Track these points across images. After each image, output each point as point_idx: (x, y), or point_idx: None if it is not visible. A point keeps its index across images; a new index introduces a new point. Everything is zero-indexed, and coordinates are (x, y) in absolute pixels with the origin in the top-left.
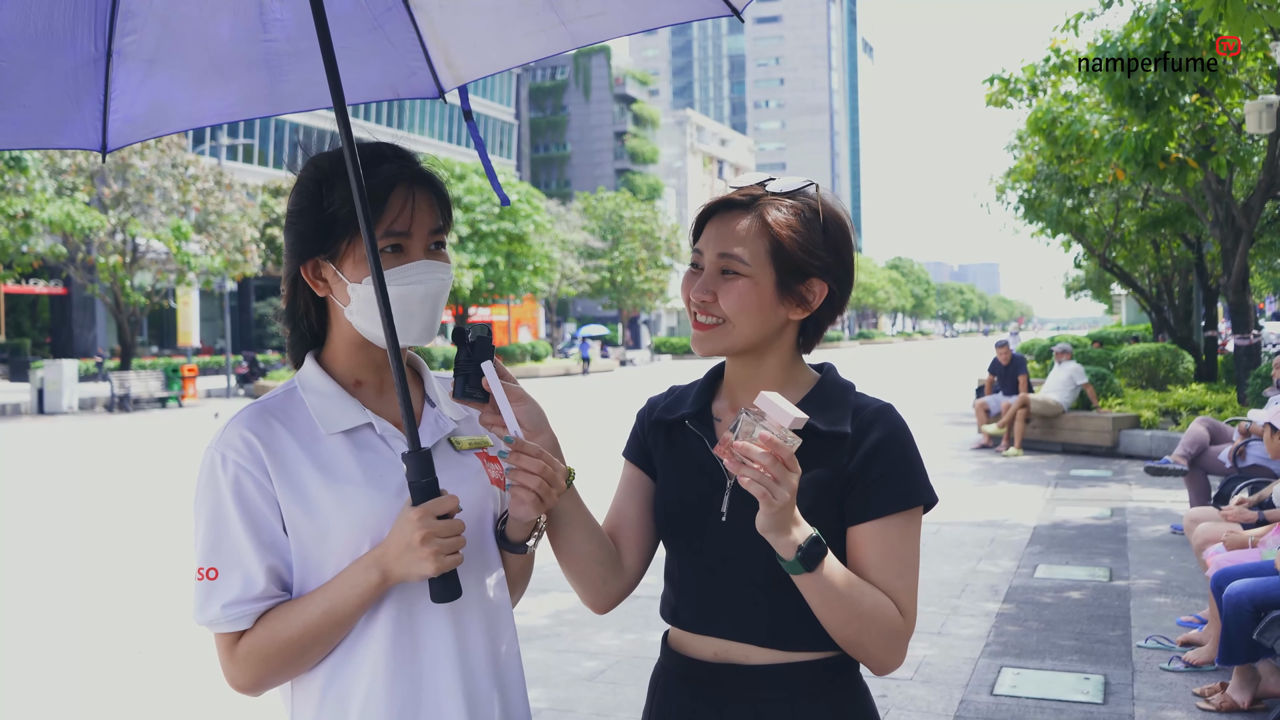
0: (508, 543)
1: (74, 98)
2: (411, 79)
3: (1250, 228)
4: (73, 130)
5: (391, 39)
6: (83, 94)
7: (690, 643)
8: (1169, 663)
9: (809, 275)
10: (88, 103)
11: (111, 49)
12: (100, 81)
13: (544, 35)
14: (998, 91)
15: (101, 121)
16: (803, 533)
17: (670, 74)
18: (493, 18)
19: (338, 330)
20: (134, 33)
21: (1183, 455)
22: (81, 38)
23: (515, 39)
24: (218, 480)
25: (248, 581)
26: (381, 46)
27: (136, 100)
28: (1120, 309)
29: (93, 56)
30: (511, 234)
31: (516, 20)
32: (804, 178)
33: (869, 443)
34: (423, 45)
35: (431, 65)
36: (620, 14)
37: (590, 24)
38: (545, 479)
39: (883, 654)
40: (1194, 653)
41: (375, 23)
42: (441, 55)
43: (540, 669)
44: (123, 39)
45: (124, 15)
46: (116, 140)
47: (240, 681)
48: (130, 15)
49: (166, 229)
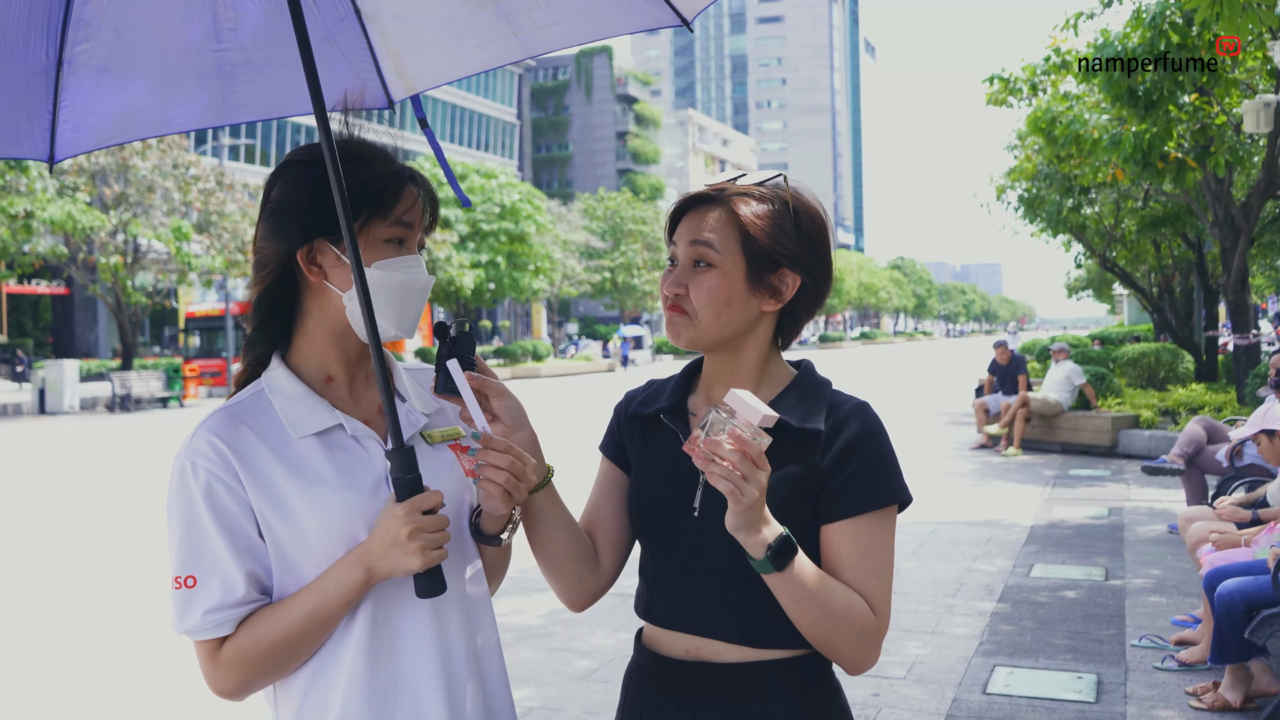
0: (482, 535)
1: (25, 108)
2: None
3: (1249, 227)
4: (24, 141)
5: (344, 50)
6: (34, 105)
7: (663, 640)
8: (1162, 662)
9: (780, 265)
10: (38, 113)
11: (62, 58)
12: (50, 91)
13: (495, 45)
14: (998, 91)
15: (50, 131)
16: (773, 532)
17: (672, 74)
18: (445, 28)
19: (318, 321)
20: (86, 41)
21: (1179, 455)
22: (34, 48)
23: (466, 49)
24: (189, 488)
25: (227, 587)
26: (333, 58)
27: (86, 110)
28: (1122, 309)
29: (44, 66)
30: (512, 234)
31: (469, 31)
32: (774, 170)
33: (843, 440)
34: (374, 56)
35: (382, 75)
36: (571, 24)
37: (542, 34)
38: (513, 474)
39: (855, 654)
40: (1187, 652)
41: (327, 33)
42: (393, 65)
43: (533, 668)
44: (74, 48)
45: (76, 24)
46: (64, 150)
47: (224, 687)
48: (83, 24)
49: (167, 229)
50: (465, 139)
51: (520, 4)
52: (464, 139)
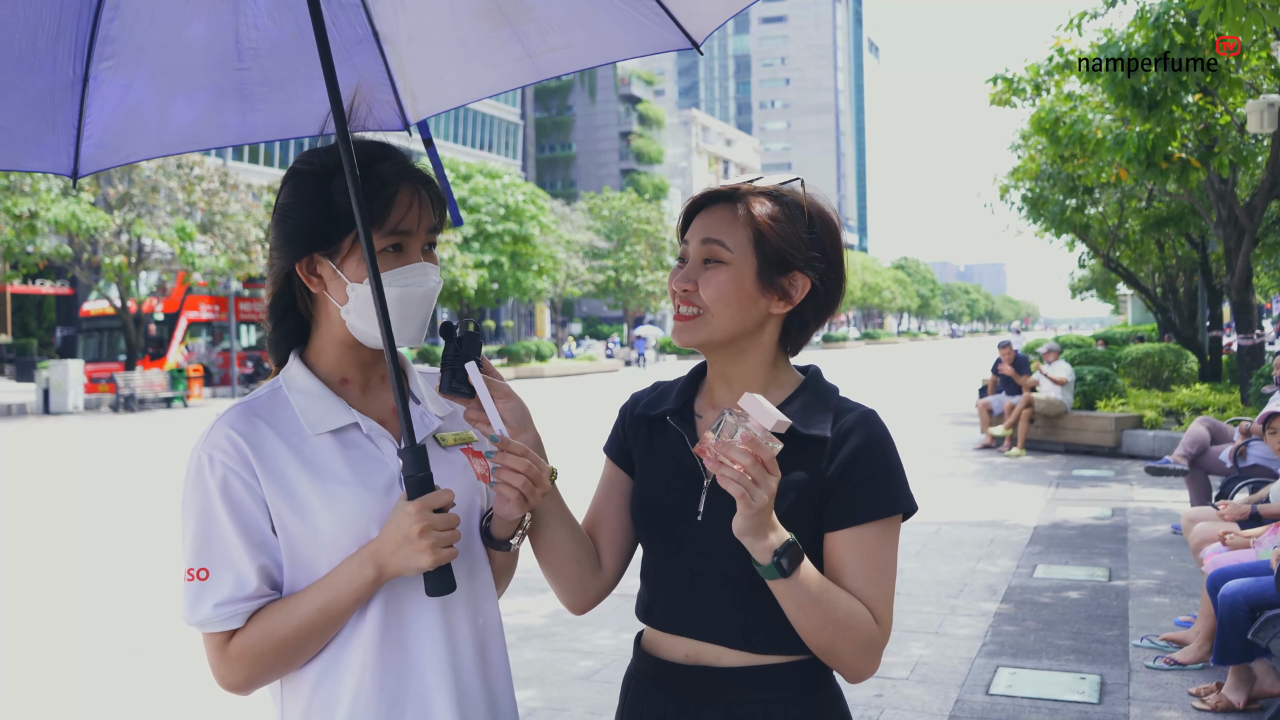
0: (493, 540)
1: (48, 120)
2: (378, 111)
3: (1253, 228)
4: (44, 153)
5: (360, 70)
6: (56, 117)
7: (663, 643)
8: (1154, 661)
9: (791, 268)
10: (61, 126)
11: (89, 74)
12: (75, 106)
13: (509, 67)
14: (1001, 91)
15: (74, 146)
16: (779, 538)
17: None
18: (459, 50)
19: (327, 328)
20: (111, 58)
21: (1183, 455)
22: (61, 61)
23: (480, 70)
24: (205, 481)
25: (239, 581)
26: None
27: (110, 126)
28: (1126, 309)
29: (70, 80)
30: (516, 234)
31: (483, 53)
32: (791, 174)
33: (849, 448)
34: (390, 78)
35: (398, 97)
36: (583, 47)
37: (555, 56)
38: (530, 478)
39: (856, 662)
40: (1181, 652)
41: (345, 54)
42: (407, 88)
43: (536, 668)
44: (100, 64)
45: (103, 40)
46: (88, 166)
47: (231, 680)
48: (109, 41)
49: (171, 229)
50: (469, 139)
51: (534, 27)
52: (468, 139)
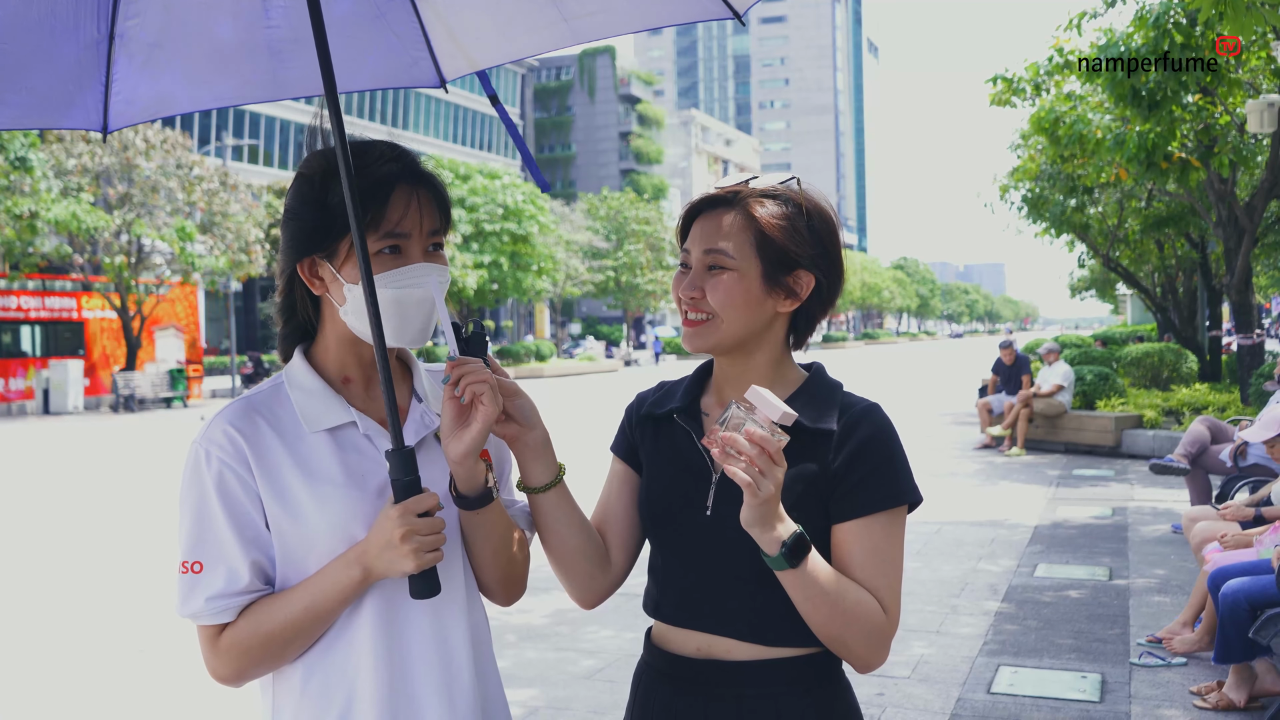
0: (465, 500)
1: (77, 81)
2: (413, 68)
3: (1253, 228)
4: (76, 112)
5: (394, 29)
6: (86, 77)
7: (673, 638)
8: (1139, 658)
9: (796, 266)
10: (90, 85)
11: (114, 32)
12: (103, 64)
13: (547, 31)
14: (1001, 91)
15: (103, 103)
16: (787, 529)
17: (675, 74)
18: (495, 12)
19: (331, 327)
20: (136, 16)
21: (1184, 454)
22: (85, 22)
23: (518, 33)
24: (202, 475)
25: (231, 575)
26: (384, 36)
27: (138, 83)
28: (1126, 309)
29: (95, 40)
30: (515, 234)
31: (518, 16)
32: (786, 173)
33: (855, 441)
34: (425, 35)
35: (434, 54)
36: (622, 12)
37: (592, 21)
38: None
39: (865, 651)
40: (1178, 640)
41: (378, 12)
42: (447, 44)
43: (539, 667)
44: (125, 22)
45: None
46: (117, 121)
47: (221, 672)
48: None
49: (171, 229)
50: (468, 139)
51: None
52: (467, 139)
